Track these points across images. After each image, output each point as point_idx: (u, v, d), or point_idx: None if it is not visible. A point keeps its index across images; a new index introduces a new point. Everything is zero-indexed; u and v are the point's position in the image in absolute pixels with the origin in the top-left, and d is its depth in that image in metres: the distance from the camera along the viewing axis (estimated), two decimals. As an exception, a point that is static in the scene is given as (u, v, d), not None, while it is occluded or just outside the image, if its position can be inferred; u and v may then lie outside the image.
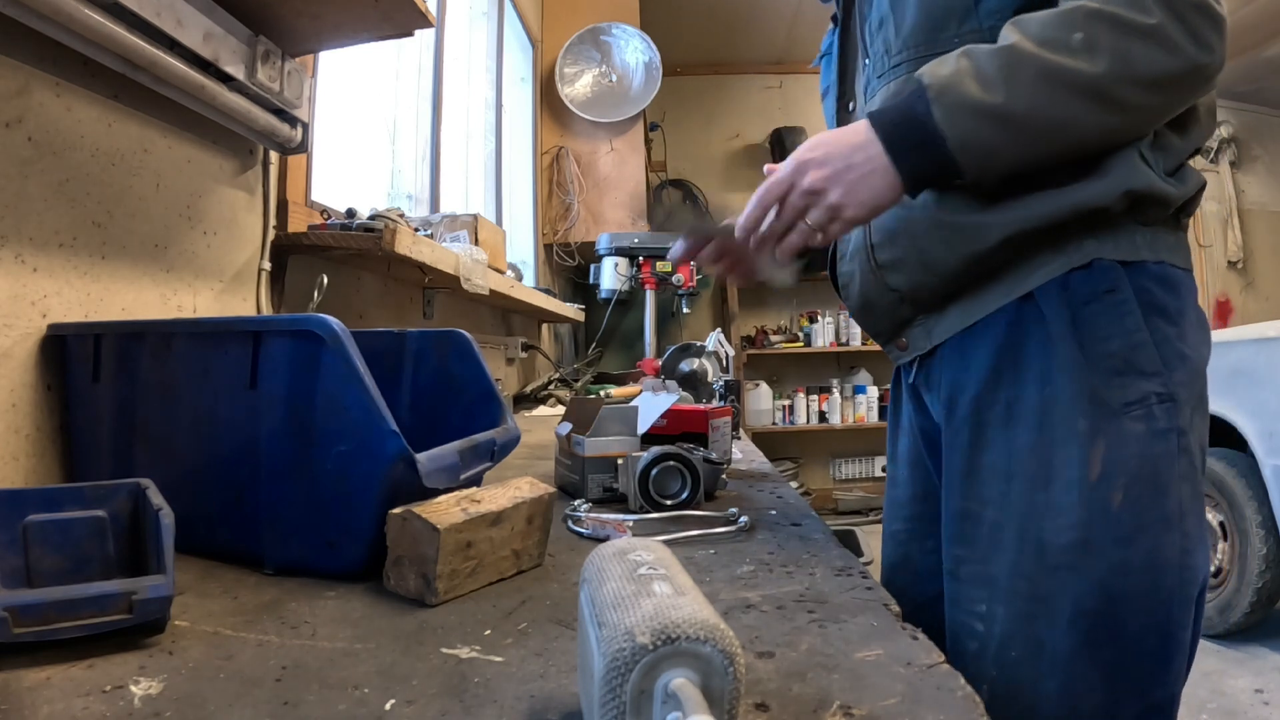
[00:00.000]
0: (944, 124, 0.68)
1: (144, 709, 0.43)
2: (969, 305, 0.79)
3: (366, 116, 1.98)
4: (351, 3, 1.02)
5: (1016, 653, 0.71)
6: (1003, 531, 0.73)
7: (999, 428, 0.75)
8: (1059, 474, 0.71)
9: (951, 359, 0.82)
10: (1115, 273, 0.73)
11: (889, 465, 1.03)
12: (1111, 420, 0.70)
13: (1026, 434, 0.73)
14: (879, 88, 0.84)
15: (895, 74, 0.82)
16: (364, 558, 0.65)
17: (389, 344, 0.96)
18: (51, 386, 0.81)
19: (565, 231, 3.36)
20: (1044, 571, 0.70)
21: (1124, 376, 0.71)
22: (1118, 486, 0.69)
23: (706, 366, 2.18)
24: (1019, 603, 0.71)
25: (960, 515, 0.78)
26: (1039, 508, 0.71)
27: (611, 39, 3.43)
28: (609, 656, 0.33)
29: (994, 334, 0.77)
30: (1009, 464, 0.74)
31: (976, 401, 0.77)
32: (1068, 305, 0.73)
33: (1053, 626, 0.69)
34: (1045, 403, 0.73)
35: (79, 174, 0.84)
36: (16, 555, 0.59)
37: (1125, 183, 0.71)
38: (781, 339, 4.78)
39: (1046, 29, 0.68)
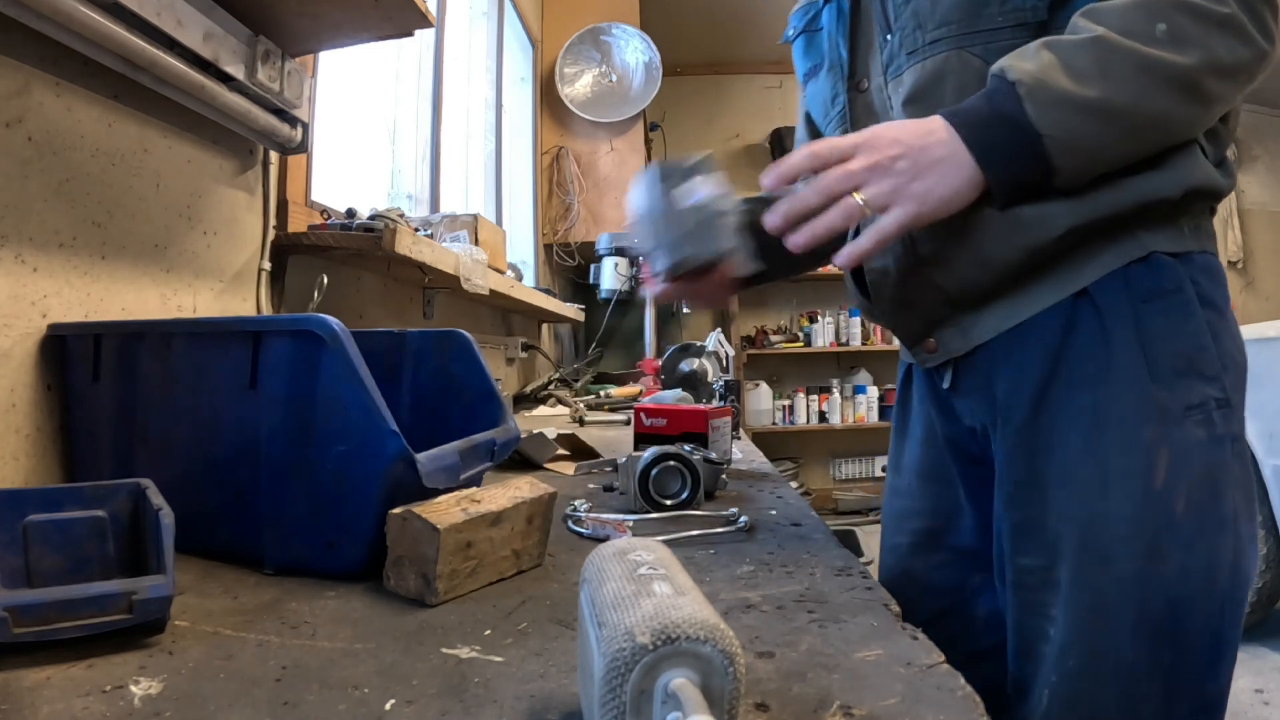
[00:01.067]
0: (1040, 121, 0.63)
1: (144, 709, 0.43)
2: (1015, 303, 0.74)
3: (366, 116, 1.98)
4: (351, 3, 1.02)
5: (1075, 661, 0.69)
6: (1063, 541, 0.71)
7: (1058, 434, 0.72)
8: (1119, 481, 0.68)
9: (1000, 362, 0.76)
10: (1174, 268, 0.70)
11: (891, 474, 0.98)
12: (1174, 426, 0.68)
13: (1082, 440, 0.70)
14: (908, 65, 0.77)
15: (932, 51, 0.75)
16: (364, 558, 0.65)
17: (389, 344, 0.96)
18: (51, 386, 0.81)
19: (565, 231, 3.36)
20: (1108, 581, 0.68)
21: (1186, 379, 0.68)
22: (1180, 493, 0.67)
23: (706, 366, 2.18)
24: (1080, 613, 0.69)
25: (1021, 527, 0.74)
26: (1100, 517, 0.69)
27: (611, 39, 3.43)
28: (609, 656, 0.33)
29: (1047, 334, 0.73)
30: (1067, 471, 0.71)
31: (1035, 407, 0.73)
32: (1129, 301, 0.69)
33: (1116, 636, 0.68)
34: (1103, 407, 0.69)
35: (79, 174, 0.84)
36: (16, 555, 0.59)
37: (1189, 176, 0.68)
38: (781, 339, 4.78)
39: (1129, 20, 0.64)
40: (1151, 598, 0.67)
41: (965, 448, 0.84)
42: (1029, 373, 0.73)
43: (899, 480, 0.95)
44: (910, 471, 0.93)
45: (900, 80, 0.78)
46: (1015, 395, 0.75)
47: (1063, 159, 0.64)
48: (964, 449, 0.84)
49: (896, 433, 0.97)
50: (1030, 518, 0.73)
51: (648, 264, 0.82)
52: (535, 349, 2.87)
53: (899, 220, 0.66)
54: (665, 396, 1.57)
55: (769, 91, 5.09)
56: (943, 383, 0.84)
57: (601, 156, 3.43)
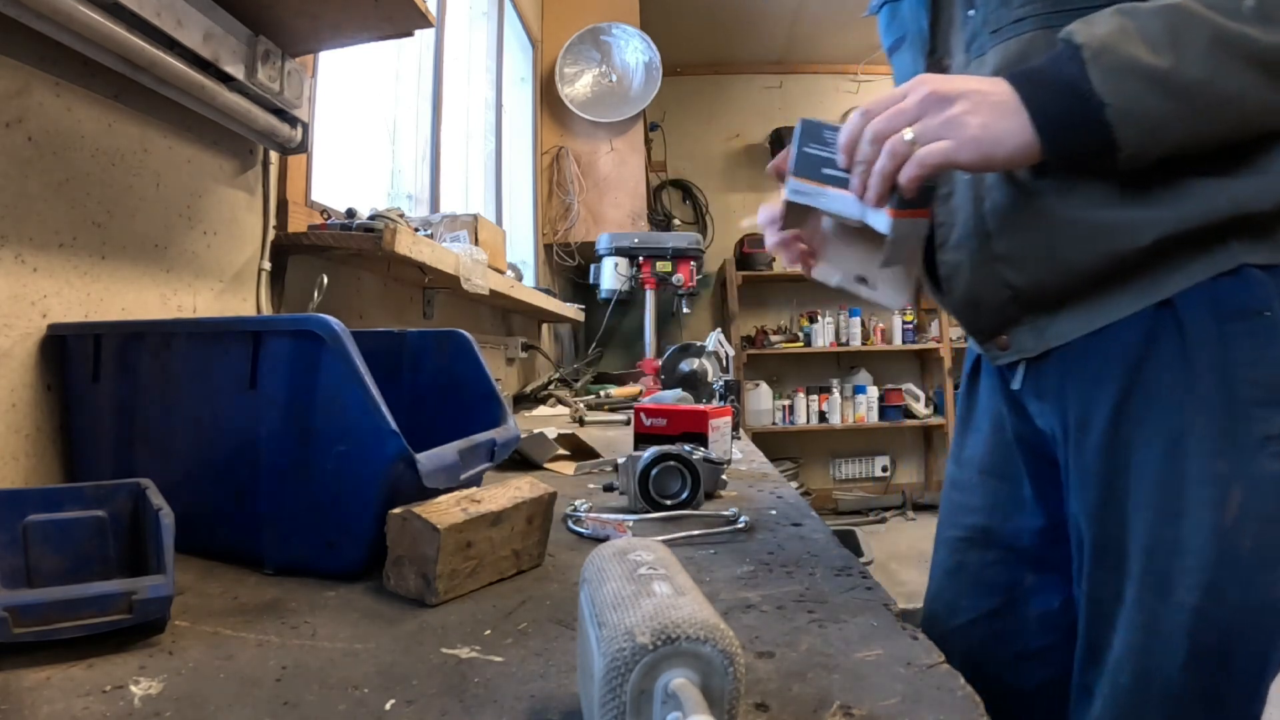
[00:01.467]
0: (1103, 88, 0.59)
1: (144, 709, 0.43)
2: (1093, 307, 0.71)
3: (366, 116, 1.98)
4: (351, 3, 1.02)
5: (1126, 680, 0.69)
6: (1132, 561, 0.69)
7: (1136, 453, 0.69)
8: (1190, 512, 0.66)
9: (1075, 370, 0.73)
10: (1264, 285, 0.65)
11: (952, 467, 0.95)
12: (1250, 459, 0.65)
13: (1157, 464, 0.67)
14: (992, 44, 0.73)
15: (1017, 30, 0.71)
16: (364, 558, 0.65)
17: (389, 344, 0.96)
18: (51, 386, 0.81)
19: (565, 231, 3.36)
20: (1166, 609, 0.67)
21: (1266, 408, 0.65)
22: (1249, 531, 0.65)
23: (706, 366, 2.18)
24: (1135, 633, 0.68)
25: (1100, 542, 0.72)
26: (1167, 544, 0.67)
27: (611, 39, 3.43)
28: (609, 656, 0.33)
29: (1125, 345, 0.69)
30: (1142, 494, 0.68)
31: (1113, 425, 0.70)
32: (1214, 319, 0.65)
33: (1166, 662, 0.67)
34: (1181, 433, 0.66)
35: (79, 174, 0.84)
36: (16, 555, 0.59)
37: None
38: (781, 339, 4.78)
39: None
40: (1206, 632, 0.66)
41: (1037, 447, 0.81)
42: (1106, 386, 0.70)
43: (960, 474, 0.92)
44: (972, 466, 0.90)
45: (984, 60, 0.74)
46: (1092, 408, 0.71)
47: (1125, 130, 0.60)
48: (1035, 448, 0.81)
49: (960, 425, 0.94)
50: (1109, 534, 0.71)
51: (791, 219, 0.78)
52: (535, 349, 2.87)
53: (944, 150, 0.63)
54: (665, 396, 1.57)
55: (769, 91, 5.09)
56: (1013, 382, 0.81)
57: (601, 156, 3.43)
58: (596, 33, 3.42)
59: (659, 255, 2.93)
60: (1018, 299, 0.74)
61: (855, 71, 5.03)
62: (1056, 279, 0.71)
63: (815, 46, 4.84)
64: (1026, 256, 0.72)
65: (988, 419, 0.88)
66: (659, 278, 2.94)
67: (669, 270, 2.94)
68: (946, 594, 0.90)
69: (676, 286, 2.95)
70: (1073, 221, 0.68)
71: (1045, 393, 0.77)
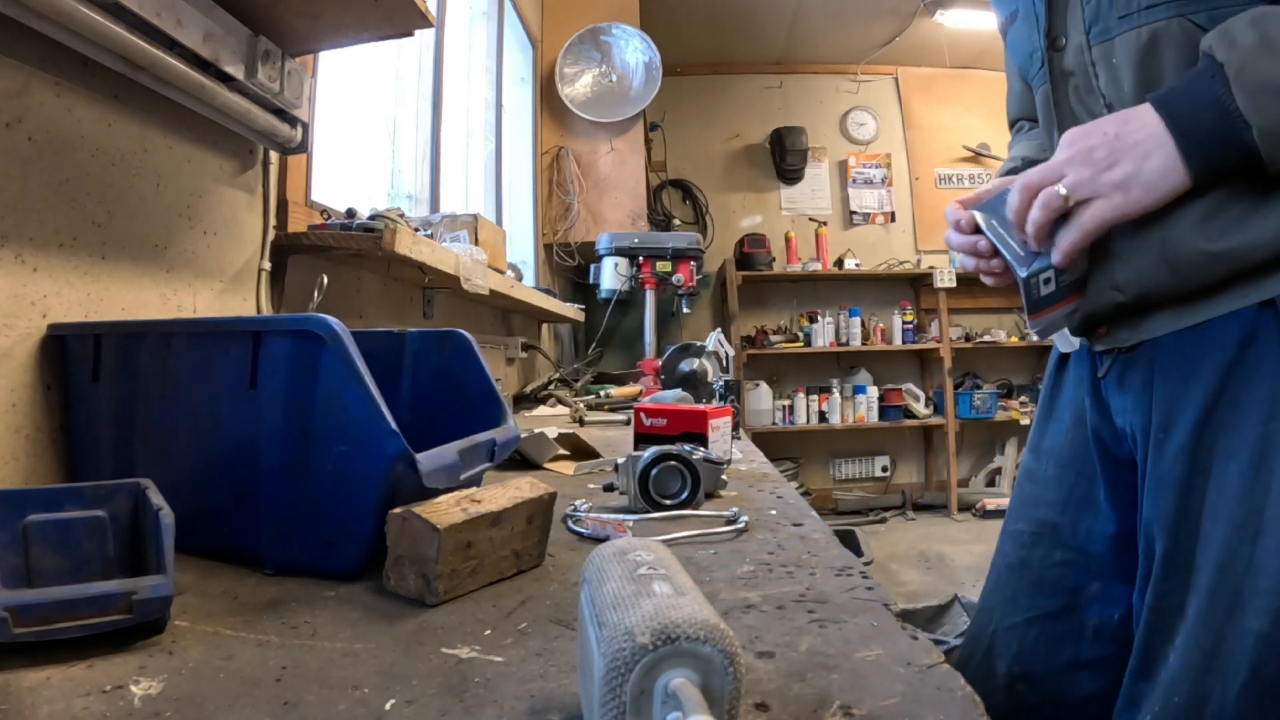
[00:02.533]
0: (1247, 106, 0.57)
1: (144, 709, 0.43)
2: (1192, 302, 0.67)
3: (366, 116, 1.98)
4: (351, 3, 1.02)
5: (1180, 699, 0.65)
6: (1201, 575, 0.66)
7: (1219, 461, 0.65)
8: (1269, 532, 0.62)
9: (1165, 366, 0.70)
10: None
11: (1028, 457, 0.91)
12: None
13: (1240, 476, 0.64)
14: (1119, 30, 0.68)
15: (1150, 17, 0.66)
16: (364, 558, 0.65)
17: (389, 344, 0.96)
18: (51, 386, 0.81)
19: (565, 231, 3.36)
20: (1233, 631, 0.63)
21: None
22: None
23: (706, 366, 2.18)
24: (1196, 653, 0.65)
25: (1169, 554, 0.69)
26: (1242, 561, 0.63)
27: (611, 39, 3.43)
28: (609, 656, 0.33)
29: (1223, 346, 0.65)
30: (1220, 505, 0.65)
31: (1199, 429, 0.66)
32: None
33: (1225, 685, 0.63)
34: (1267, 443, 0.62)
35: (79, 174, 0.84)
36: (16, 555, 0.59)
37: None
38: (781, 339, 4.78)
39: None
40: (1271, 661, 0.61)
41: (1111, 447, 0.78)
42: (1195, 387, 0.67)
43: (1036, 465, 0.89)
44: (1049, 458, 0.86)
45: (1110, 46, 0.70)
46: (1177, 409, 0.68)
47: (1273, 151, 0.58)
48: (1109, 447, 0.78)
49: (1042, 415, 0.90)
50: (1181, 545, 0.68)
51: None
52: (535, 349, 2.87)
53: (1101, 212, 0.63)
54: (665, 396, 1.57)
55: (769, 91, 5.09)
56: (1100, 370, 0.78)
57: (601, 156, 3.43)
58: (596, 33, 3.42)
59: (659, 255, 2.93)
60: (1124, 303, 0.71)
61: (855, 71, 5.03)
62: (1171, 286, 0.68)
63: (815, 46, 4.84)
64: (1142, 261, 0.69)
65: (1070, 411, 0.84)
66: (659, 278, 2.94)
67: (669, 270, 2.94)
68: (1006, 589, 0.87)
69: (676, 286, 2.95)
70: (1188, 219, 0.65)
71: (1131, 388, 0.73)
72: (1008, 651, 0.85)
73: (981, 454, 4.93)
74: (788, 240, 4.83)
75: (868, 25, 4.53)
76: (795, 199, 5.05)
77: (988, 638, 0.87)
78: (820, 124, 5.04)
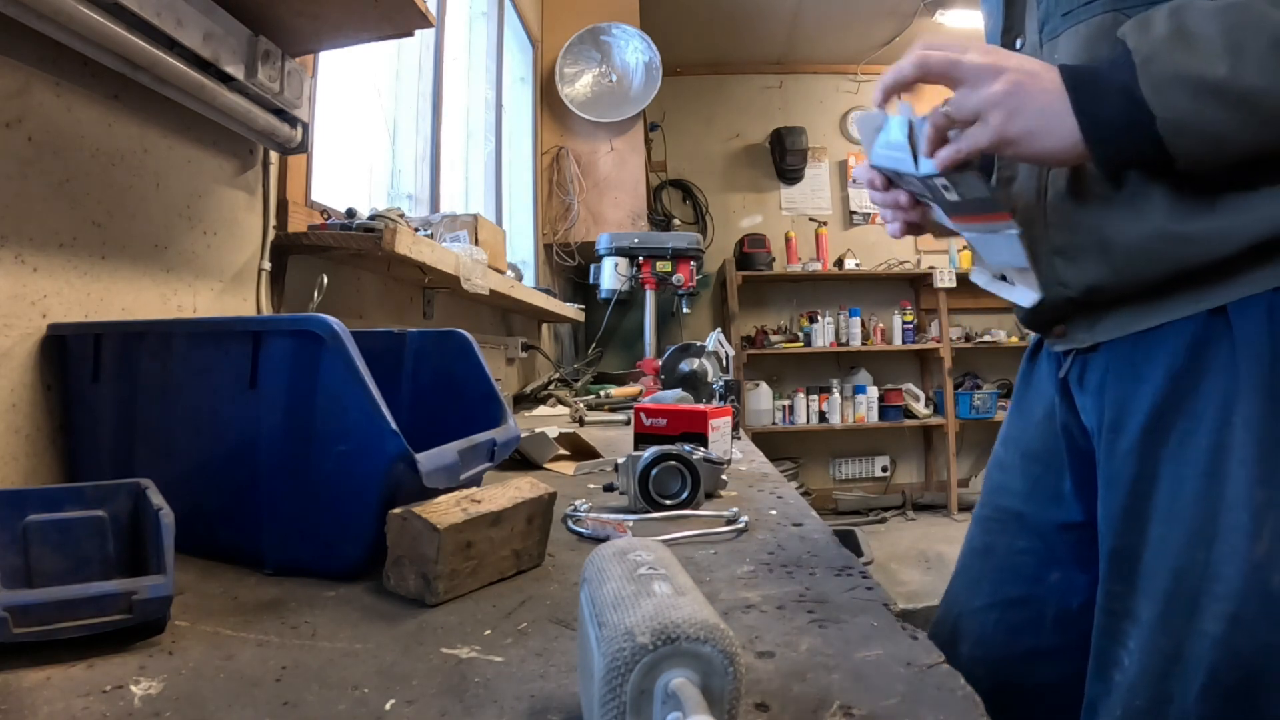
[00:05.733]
0: (1153, 98, 0.57)
1: (144, 709, 0.43)
2: (1144, 307, 0.68)
3: (366, 116, 1.98)
4: (351, 3, 1.02)
5: (1141, 703, 0.65)
6: (1155, 580, 0.65)
7: (1168, 465, 0.65)
8: (1224, 537, 0.62)
9: (1117, 368, 0.71)
10: None
11: (999, 447, 0.91)
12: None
13: (1195, 481, 0.63)
14: (1063, 28, 0.70)
15: (1087, 13, 0.67)
16: (364, 558, 0.65)
17: (389, 344, 0.96)
18: (51, 386, 0.81)
19: (565, 231, 3.36)
20: (1190, 634, 0.63)
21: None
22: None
23: (706, 366, 2.18)
24: (1155, 656, 0.65)
25: (1116, 554, 0.69)
26: (1197, 567, 0.63)
27: (611, 39, 3.43)
28: (609, 656, 0.33)
29: (1172, 350, 0.66)
30: (1172, 509, 0.65)
31: (1146, 432, 0.67)
32: (1269, 336, 0.61)
33: (1184, 691, 0.63)
34: (1221, 450, 0.62)
35: (79, 174, 0.85)
36: (16, 555, 0.59)
37: None
38: (781, 339, 4.77)
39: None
40: (1228, 666, 0.61)
41: (1079, 441, 0.78)
42: (1145, 390, 0.67)
43: (1005, 454, 0.89)
44: (1016, 448, 0.87)
45: (1056, 44, 0.71)
46: (1127, 410, 0.69)
47: (1179, 143, 0.57)
48: (1077, 442, 0.79)
49: (1014, 406, 0.91)
50: (1127, 546, 0.68)
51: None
52: (535, 349, 2.87)
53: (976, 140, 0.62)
54: (665, 396, 1.57)
55: (769, 91, 5.09)
56: (1061, 370, 0.79)
57: (601, 156, 3.43)
58: (596, 33, 3.42)
59: (659, 255, 2.93)
60: (1072, 297, 0.72)
61: (855, 71, 5.03)
62: (1114, 283, 0.68)
63: (815, 46, 4.84)
64: (1083, 257, 0.69)
65: (1041, 404, 0.85)
66: (659, 278, 2.94)
67: (669, 270, 2.94)
68: (971, 572, 0.88)
69: (676, 286, 2.95)
70: (1135, 233, 0.65)
71: (1090, 388, 0.74)
72: (970, 635, 0.86)
73: (981, 454, 4.93)
74: (788, 240, 4.83)
75: (868, 25, 4.53)
76: (795, 199, 5.05)
77: (952, 620, 0.89)
78: (820, 124, 5.04)
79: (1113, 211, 0.66)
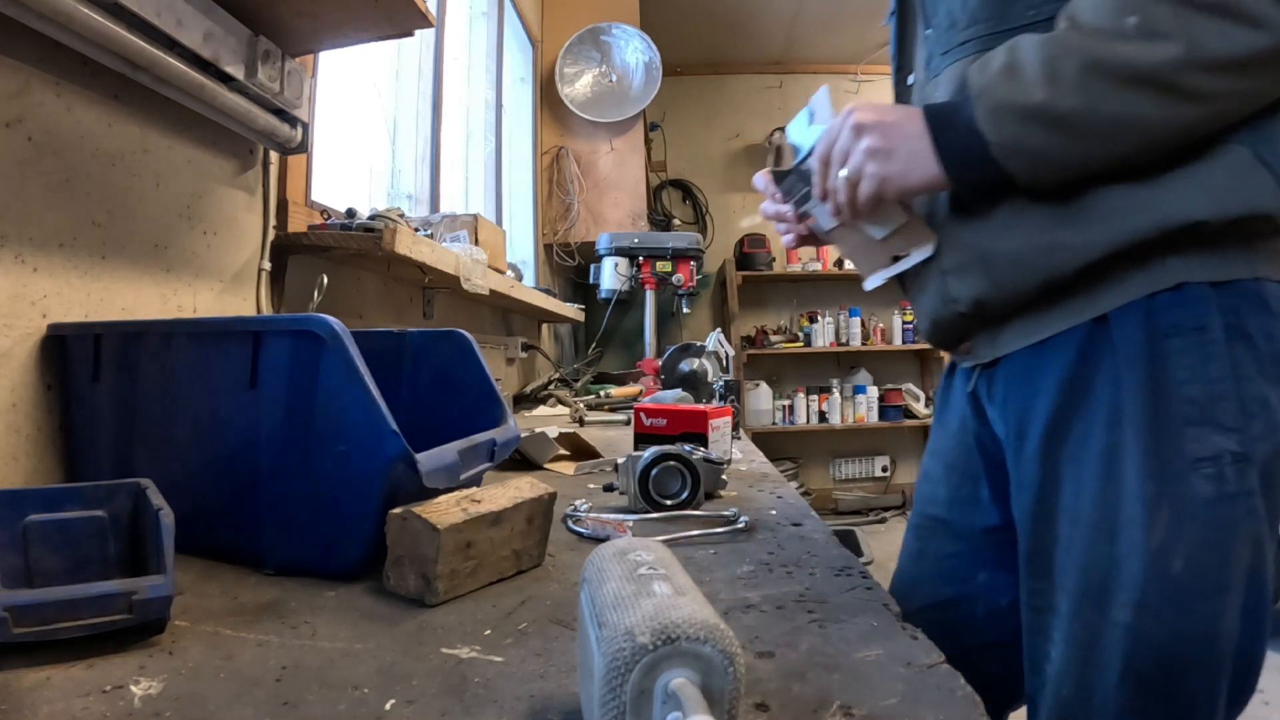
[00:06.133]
0: (985, 126, 0.65)
1: (144, 709, 0.43)
2: (1035, 321, 0.72)
3: (366, 116, 1.98)
4: (351, 3, 1.02)
5: (1068, 692, 0.69)
6: (1066, 576, 0.69)
7: (1068, 466, 0.70)
8: (1124, 530, 0.66)
9: (1016, 381, 0.75)
10: (1205, 302, 0.64)
11: (926, 457, 0.97)
12: (1178, 481, 0.64)
13: (1093, 481, 0.68)
14: (943, 65, 0.76)
15: (963, 52, 0.74)
16: (364, 558, 0.65)
17: (389, 344, 0.96)
18: (51, 386, 0.81)
19: (565, 231, 3.36)
20: (1103, 624, 0.66)
21: (1198, 428, 0.64)
22: (1177, 554, 0.64)
23: (706, 366, 2.18)
24: (1075, 647, 0.68)
25: (1031, 555, 0.73)
26: (1102, 561, 0.67)
27: (611, 39, 3.43)
28: (609, 656, 0.33)
29: (1062, 360, 0.70)
30: (1076, 508, 0.69)
31: (1046, 439, 0.71)
32: (1147, 337, 0.65)
33: (1104, 679, 0.66)
34: (1113, 450, 0.66)
35: (79, 174, 0.84)
36: (16, 555, 0.59)
37: (1240, 198, 0.62)
38: (781, 339, 4.77)
39: (1099, 13, 0.61)
40: (1141, 652, 0.65)
41: (993, 450, 0.82)
42: (1041, 401, 0.72)
43: (930, 465, 0.94)
44: (940, 460, 0.92)
45: (938, 81, 0.77)
46: (1028, 419, 0.73)
47: (1013, 163, 0.65)
48: (991, 451, 0.83)
49: (936, 420, 0.96)
50: (1040, 544, 0.72)
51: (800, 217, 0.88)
52: (535, 349, 2.87)
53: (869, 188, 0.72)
54: (665, 396, 1.57)
55: (769, 91, 5.09)
56: (970, 385, 0.84)
57: (601, 156, 3.43)
58: (596, 33, 3.42)
59: (659, 255, 2.93)
60: (964, 314, 0.76)
61: (855, 71, 5.03)
62: (996, 296, 0.73)
63: (815, 46, 4.84)
64: (968, 272, 0.75)
65: (956, 417, 0.90)
66: (659, 278, 2.94)
67: (669, 270, 2.94)
68: (908, 575, 0.93)
69: (676, 286, 2.95)
70: (1010, 245, 0.71)
71: (996, 400, 0.79)
72: None
73: (981, 454, 4.92)
74: (788, 240, 4.83)
75: (867, 25, 4.53)
76: (795, 199, 5.05)
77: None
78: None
79: (991, 227, 0.72)
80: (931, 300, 0.80)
